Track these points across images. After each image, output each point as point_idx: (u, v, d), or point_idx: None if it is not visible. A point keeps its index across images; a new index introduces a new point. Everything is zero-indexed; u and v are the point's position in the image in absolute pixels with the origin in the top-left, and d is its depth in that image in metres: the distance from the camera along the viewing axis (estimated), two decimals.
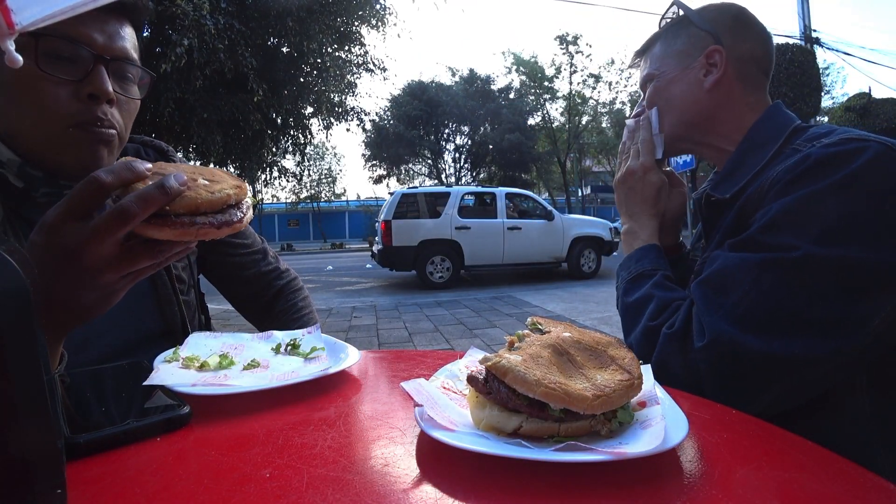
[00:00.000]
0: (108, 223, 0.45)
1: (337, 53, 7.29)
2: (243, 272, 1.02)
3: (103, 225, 0.45)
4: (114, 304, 0.52)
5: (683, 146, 0.91)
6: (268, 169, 8.49)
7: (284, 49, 6.65)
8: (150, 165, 0.50)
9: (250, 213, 0.57)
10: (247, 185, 0.58)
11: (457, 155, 29.24)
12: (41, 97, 0.65)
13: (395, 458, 0.42)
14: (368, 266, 13.26)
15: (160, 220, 0.48)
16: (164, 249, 0.51)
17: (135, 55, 0.74)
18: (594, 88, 29.92)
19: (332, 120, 7.95)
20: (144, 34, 0.78)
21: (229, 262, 1.01)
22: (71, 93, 0.66)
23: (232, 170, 7.88)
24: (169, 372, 0.58)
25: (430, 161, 28.91)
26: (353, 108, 8.23)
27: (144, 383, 0.54)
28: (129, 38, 0.73)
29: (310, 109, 7.56)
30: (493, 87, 29.11)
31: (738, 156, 0.80)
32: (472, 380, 0.46)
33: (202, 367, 0.61)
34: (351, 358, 0.65)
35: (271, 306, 1.04)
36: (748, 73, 0.83)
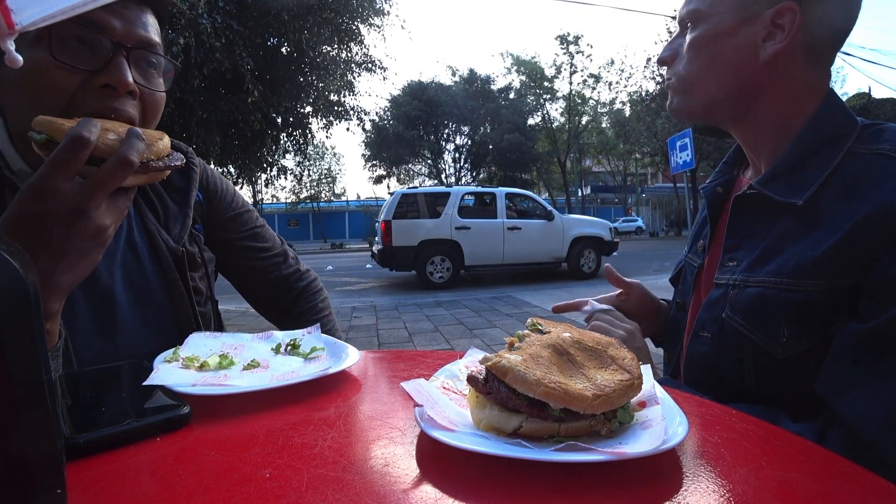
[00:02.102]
0: (112, 174, 0.48)
1: (336, 53, 7.30)
2: (265, 276, 1.01)
3: (107, 177, 0.48)
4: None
5: (720, 117, 0.75)
6: (267, 169, 8.48)
7: (284, 49, 6.66)
8: (138, 144, 0.52)
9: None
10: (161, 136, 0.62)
11: (457, 155, 29.26)
12: (56, 90, 0.60)
13: (395, 458, 0.42)
14: (368, 266, 13.26)
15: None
16: (131, 192, 0.55)
17: (158, 41, 0.69)
18: (594, 89, 29.95)
19: (332, 119, 7.95)
20: None
21: (251, 267, 0.99)
22: (87, 84, 0.62)
23: (231, 170, 7.87)
24: (169, 372, 0.58)
25: (430, 161, 28.91)
26: (353, 107, 8.24)
27: (144, 383, 0.54)
28: (152, 26, 0.68)
29: (309, 109, 7.57)
30: (492, 87, 29.13)
31: (797, 151, 0.67)
32: (472, 380, 0.46)
33: (202, 367, 0.61)
34: (351, 358, 0.65)
35: (292, 307, 1.03)
36: (818, 43, 0.67)
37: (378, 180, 30.10)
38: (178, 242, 0.81)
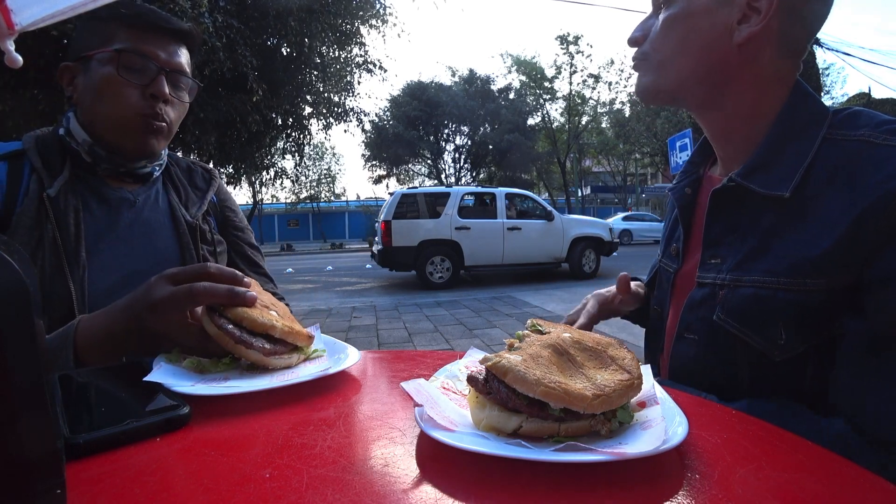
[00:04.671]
0: (180, 292, 0.60)
1: (336, 53, 7.30)
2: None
3: (178, 292, 0.60)
4: (150, 348, 0.64)
5: (689, 100, 0.73)
6: (265, 170, 8.47)
7: (284, 50, 6.66)
8: (253, 294, 0.62)
9: (288, 359, 0.63)
10: (309, 339, 0.67)
11: (457, 155, 29.22)
12: (119, 95, 0.86)
13: (395, 458, 0.42)
14: (368, 266, 13.25)
15: (211, 313, 0.60)
16: (211, 344, 0.61)
17: (188, 69, 0.94)
18: (594, 89, 29.95)
19: (332, 120, 7.95)
20: None
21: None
22: (140, 93, 0.87)
23: (231, 170, 7.86)
24: (169, 372, 0.58)
25: (429, 161, 28.89)
26: (353, 108, 8.23)
27: (144, 379, 0.54)
28: (183, 56, 0.94)
29: (309, 110, 7.56)
30: (492, 87, 29.10)
31: (774, 140, 0.66)
32: (472, 380, 0.46)
33: (202, 367, 0.61)
34: (351, 358, 0.65)
35: None
36: (792, 32, 0.65)
37: (378, 180, 30.06)
38: (194, 217, 1.00)
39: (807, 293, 0.59)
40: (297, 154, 8.64)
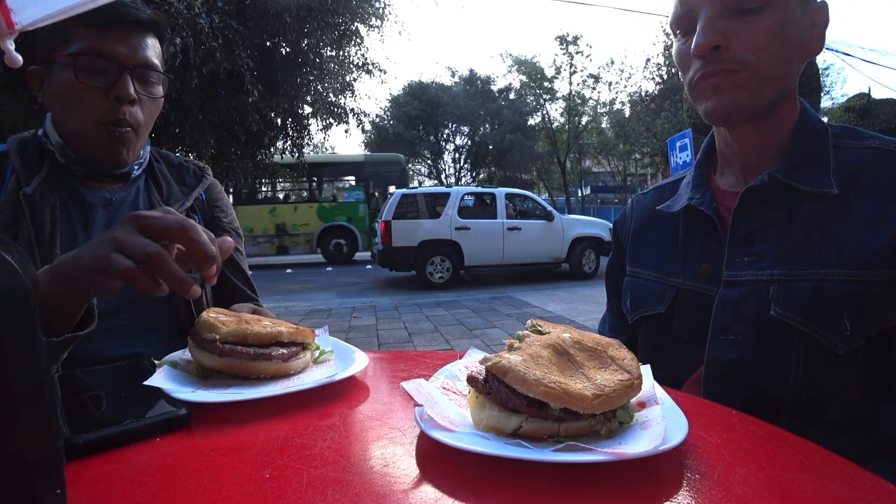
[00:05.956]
0: (176, 217, 0.56)
1: (335, 53, 7.29)
2: (220, 285, 1.03)
3: (174, 216, 0.57)
4: (105, 283, 0.54)
5: (760, 114, 0.69)
6: (264, 171, 8.45)
7: (283, 50, 6.65)
8: (197, 289, 0.55)
9: (304, 358, 0.62)
10: (313, 333, 0.66)
11: (457, 155, 29.20)
12: (81, 102, 0.81)
13: (395, 458, 0.42)
14: (368, 266, 13.25)
15: (209, 345, 0.57)
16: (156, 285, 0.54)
17: (156, 61, 0.87)
18: (594, 89, 29.94)
19: (331, 120, 7.93)
20: None
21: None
22: (103, 96, 0.82)
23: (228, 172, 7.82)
24: (170, 376, 0.57)
25: (429, 161, 28.88)
26: (353, 108, 8.22)
27: (145, 382, 0.54)
28: (150, 48, 0.86)
29: (308, 110, 7.55)
30: (493, 87, 29.10)
31: (802, 141, 0.69)
32: (472, 380, 0.46)
33: (206, 373, 0.59)
34: (358, 363, 0.63)
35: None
36: None
37: None
38: None
39: (864, 283, 0.61)
40: (296, 154, 8.63)
